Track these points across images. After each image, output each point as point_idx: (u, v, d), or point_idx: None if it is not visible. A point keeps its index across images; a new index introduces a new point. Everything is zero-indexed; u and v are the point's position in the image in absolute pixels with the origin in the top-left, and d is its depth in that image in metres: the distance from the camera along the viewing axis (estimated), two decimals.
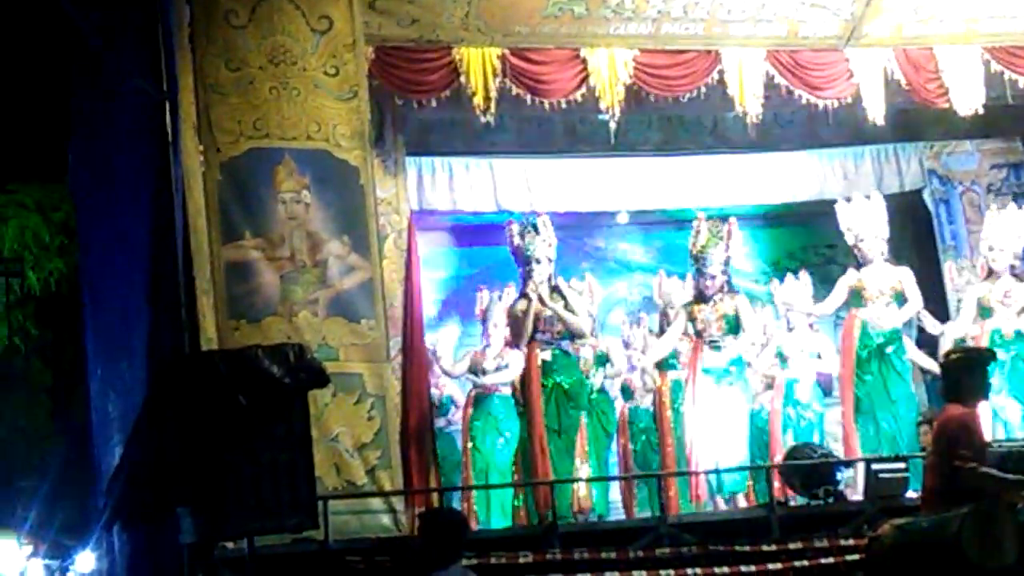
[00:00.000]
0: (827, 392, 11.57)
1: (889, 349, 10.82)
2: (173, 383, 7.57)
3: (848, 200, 11.30)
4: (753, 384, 11.37)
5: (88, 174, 10.97)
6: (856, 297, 10.92)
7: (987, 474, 7.28)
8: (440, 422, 11.53)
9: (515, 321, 10.49)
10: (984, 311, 11.13)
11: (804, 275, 11.87)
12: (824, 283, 11.89)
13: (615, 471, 12.07)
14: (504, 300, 11.22)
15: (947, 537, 7.04)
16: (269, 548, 8.14)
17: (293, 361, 7.49)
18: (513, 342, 10.62)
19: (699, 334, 10.68)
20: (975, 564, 6.96)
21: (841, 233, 11.24)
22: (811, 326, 11.70)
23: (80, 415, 12.16)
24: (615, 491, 12.03)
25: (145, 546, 9.14)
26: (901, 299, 10.92)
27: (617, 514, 11.54)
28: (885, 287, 10.90)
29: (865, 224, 11.04)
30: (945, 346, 11.44)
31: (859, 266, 11.03)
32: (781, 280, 12.05)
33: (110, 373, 10.37)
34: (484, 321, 11.26)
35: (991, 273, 11.16)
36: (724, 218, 11.00)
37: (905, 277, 11.02)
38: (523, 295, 10.51)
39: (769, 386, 11.70)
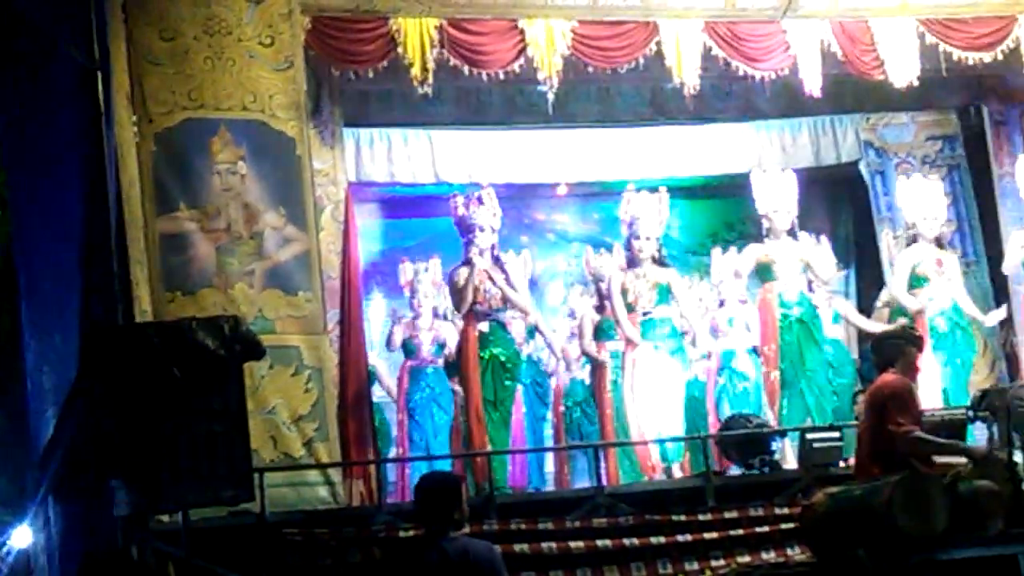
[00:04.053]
0: None
1: (805, 319, 10.96)
2: (106, 355, 7.52)
3: (764, 171, 11.42)
4: (689, 354, 11.46)
5: (19, 144, 10.81)
6: (766, 271, 11.02)
7: (922, 439, 7.38)
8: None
9: (455, 289, 10.46)
10: (917, 279, 11.25)
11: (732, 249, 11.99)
12: None
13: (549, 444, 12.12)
14: (431, 271, 11.23)
15: (878, 505, 7.14)
16: (205, 521, 8.12)
17: (228, 333, 7.46)
18: (456, 308, 10.61)
19: (630, 307, 10.71)
20: (906, 531, 7.07)
21: None
22: (741, 301, 11.81)
23: (15, 388, 12.04)
24: (550, 463, 12.08)
25: (80, 519, 9.07)
26: (807, 269, 11.07)
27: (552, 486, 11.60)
28: (794, 260, 11.01)
29: (777, 197, 11.14)
30: (882, 311, 11.63)
31: (763, 238, 11.14)
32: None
33: (44, 345, 10.26)
34: (412, 292, 11.28)
35: (915, 240, 11.30)
36: (654, 189, 11.01)
37: (810, 251, 11.16)
38: (465, 263, 10.44)
39: (705, 356, 11.79)
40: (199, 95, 9.62)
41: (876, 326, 11.12)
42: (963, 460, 7.48)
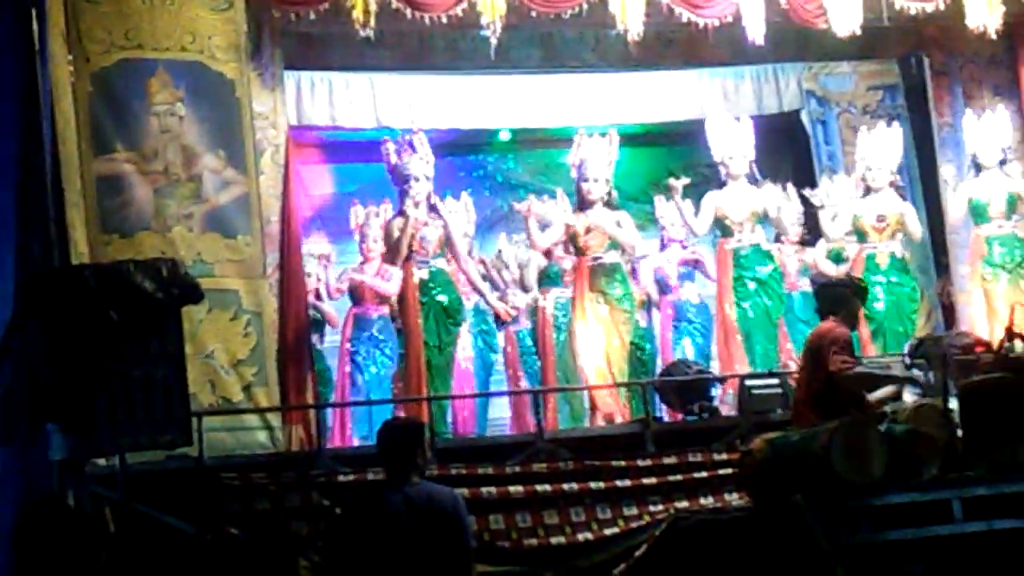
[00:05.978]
0: None
1: (763, 271, 11.05)
2: (42, 298, 7.43)
3: (719, 117, 11.56)
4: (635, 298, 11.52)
5: None
6: (720, 226, 11.15)
7: (866, 373, 7.45)
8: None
9: (391, 239, 10.49)
10: (858, 234, 11.38)
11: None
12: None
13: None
14: (381, 215, 11.18)
15: (815, 451, 7.21)
16: (142, 465, 8.05)
17: (166, 276, 7.39)
18: (390, 260, 10.63)
19: (581, 251, 10.73)
20: (843, 477, 7.14)
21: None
22: (683, 246, 11.87)
23: None
24: (495, 410, 12.07)
25: (15, 463, 8.98)
26: (763, 221, 11.23)
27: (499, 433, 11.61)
28: (747, 211, 11.13)
29: (732, 143, 11.24)
30: (820, 256, 11.77)
31: (721, 186, 11.27)
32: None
33: None
34: (362, 237, 11.22)
35: (868, 192, 11.42)
36: (604, 135, 11.05)
37: (773, 200, 11.28)
38: (400, 213, 10.50)
39: (646, 304, 11.83)
40: (136, 35, 9.47)
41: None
42: (901, 403, 7.59)
